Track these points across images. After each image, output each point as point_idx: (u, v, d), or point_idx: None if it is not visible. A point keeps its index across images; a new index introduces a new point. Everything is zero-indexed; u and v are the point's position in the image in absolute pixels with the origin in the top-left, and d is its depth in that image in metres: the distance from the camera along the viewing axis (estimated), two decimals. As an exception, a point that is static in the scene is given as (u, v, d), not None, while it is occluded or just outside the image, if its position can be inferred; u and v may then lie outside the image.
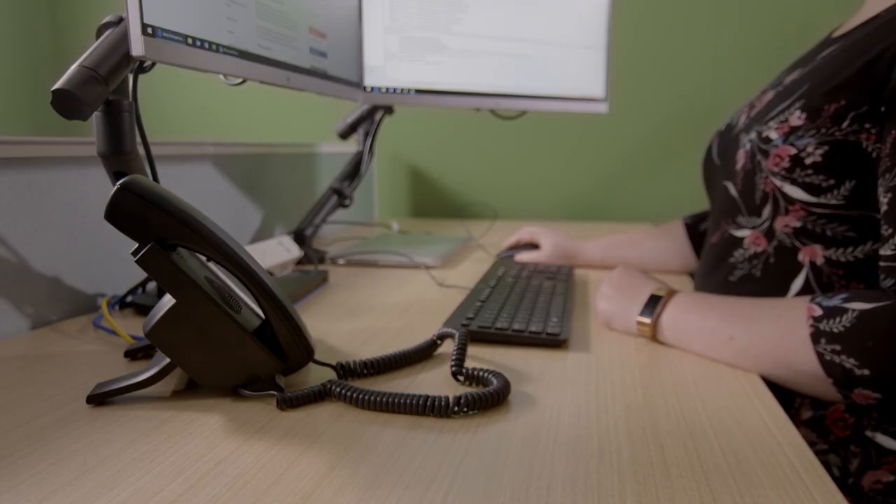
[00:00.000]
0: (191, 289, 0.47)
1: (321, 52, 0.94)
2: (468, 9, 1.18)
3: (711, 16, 1.65)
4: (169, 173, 0.96)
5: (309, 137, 1.88)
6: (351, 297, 0.88)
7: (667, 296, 0.68)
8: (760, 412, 0.51)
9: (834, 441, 0.64)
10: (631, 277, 0.74)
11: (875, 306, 0.53)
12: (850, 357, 0.54)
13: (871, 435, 0.62)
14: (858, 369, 0.53)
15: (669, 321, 0.66)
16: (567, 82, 1.27)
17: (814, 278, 0.66)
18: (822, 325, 0.56)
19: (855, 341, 0.54)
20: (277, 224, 1.29)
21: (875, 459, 0.62)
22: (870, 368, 0.53)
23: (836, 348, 0.54)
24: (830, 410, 0.64)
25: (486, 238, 1.42)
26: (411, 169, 1.89)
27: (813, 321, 0.56)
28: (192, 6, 0.63)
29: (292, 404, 0.51)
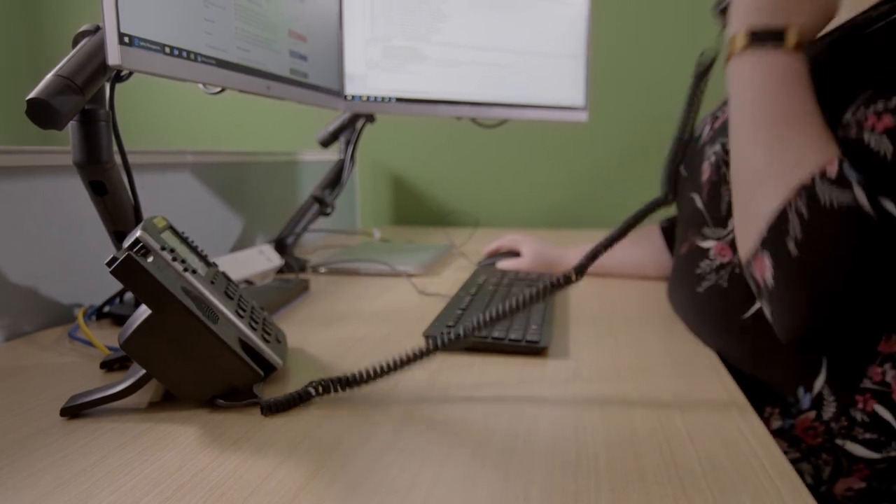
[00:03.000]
0: (167, 299, 0.47)
1: (301, 55, 0.94)
2: (449, 19, 1.19)
3: (689, 25, 1.68)
4: (147, 182, 0.95)
5: (291, 145, 1.87)
6: (332, 306, 0.88)
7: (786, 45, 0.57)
8: (736, 419, 0.51)
9: (805, 449, 0.64)
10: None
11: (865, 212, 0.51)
12: (802, 234, 0.52)
13: (841, 443, 0.62)
14: (794, 244, 0.52)
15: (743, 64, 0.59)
16: (547, 91, 1.28)
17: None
18: (818, 188, 0.52)
19: (824, 226, 0.51)
20: (258, 233, 1.29)
21: (846, 467, 0.63)
22: (805, 257, 0.51)
23: (803, 212, 0.52)
24: (800, 420, 0.64)
25: (468, 246, 1.42)
26: (393, 177, 1.89)
27: (819, 177, 0.52)
28: (169, 15, 0.63)
29: (276, 409, 0.50)
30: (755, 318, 0.67)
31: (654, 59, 1.71)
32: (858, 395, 0.61)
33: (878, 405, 0.61)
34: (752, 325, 0.67)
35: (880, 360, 0.60)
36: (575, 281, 0.53)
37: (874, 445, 0.61)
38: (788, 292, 0.55)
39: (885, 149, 0.52)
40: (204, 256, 0.61)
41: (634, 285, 1.01)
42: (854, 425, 0.62)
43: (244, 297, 0.61)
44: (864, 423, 0.61)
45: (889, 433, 0.61)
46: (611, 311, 0.85)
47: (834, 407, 0.62)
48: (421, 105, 1.19)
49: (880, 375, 0.61)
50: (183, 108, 1.95)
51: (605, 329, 0.77)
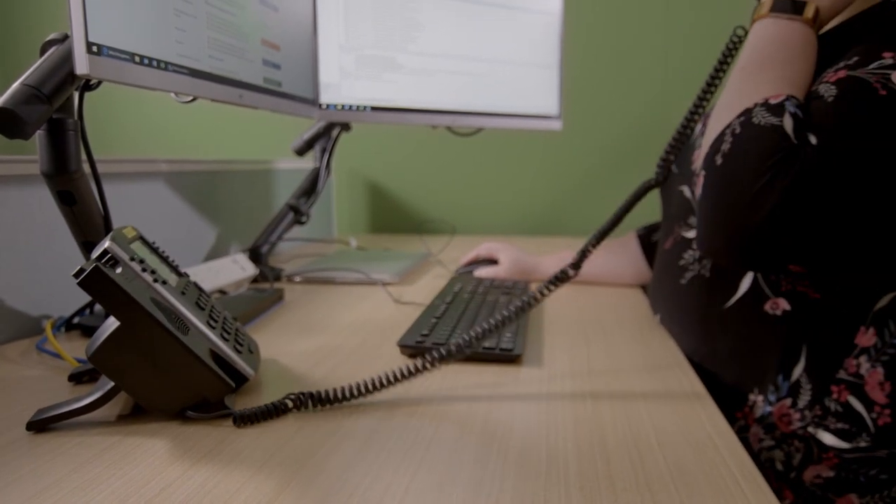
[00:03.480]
0: (135, 311, 0.47)
1: (274, 64, 0.94)
2: (423, 28, 1.19)
3: (660, 31, 1.70)
4: (119, 192, 0.94)
5: (267, 153, 1.86)
6: (306, 315, 0.87)
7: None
8: (704, 422, 0.52)
9: (779, 437, 0.66)
10: None
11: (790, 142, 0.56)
12: (728, 146, 0.58)
13: (812, 431, 0.64)
14: (720, 155, 0.59)
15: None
16: (521, 100, 1.29)
17: (761, 277, 0.68)
18: (756, 110, 0.59)
19: (747, 141, 0.57)
20: (233, 242, 1.28)
21: (816, 455, 0.64)
22: (724, 167, 0.58)
23: (736, 128, 0.59)
24: (777, 407, 0.66)
25: (445, 253, 1.42)
26: (370, 185, 1.89)
27: (761, 104, 0.59)
28: (139, 24, 0.62)
29: (250, 420, 0.50)
30: (737, 307, 0.69)
31: (626, 69, 1.73)
32: (834, 385, 0.63)
33: (851, 396, 0.63)
34: (735, 313, 0.69)
35: (856, 353, 0.62)
36: (572, 276, 0.57)
37: (845, 435, 0.63)
38: (705, 201, 0.60)
39: (830, 93, 0.58)
40: (175, 267, 0.61)
41: (610, 292, 1.02)
42: (827, 414, 0.64)
43: (216, 307, 0.61)
44: (836, 413, 0.63)
45: (860, 424, 0.63)
46: (585, 318, 0.86)
47: (809, 395, 0.64)
48: (396, 114, 1.20)
49: (855, 367, 0.63)
50: (161, 115, 1.93)
51: (579, 336, 0.78)
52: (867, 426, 0.62)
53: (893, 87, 0.55)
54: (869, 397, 0.62)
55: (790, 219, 0.55)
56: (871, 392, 0.62)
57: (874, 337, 0.62)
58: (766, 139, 0.56)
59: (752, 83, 0.62)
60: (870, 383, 0.62)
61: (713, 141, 0.62)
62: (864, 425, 0.62)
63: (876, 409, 0.62)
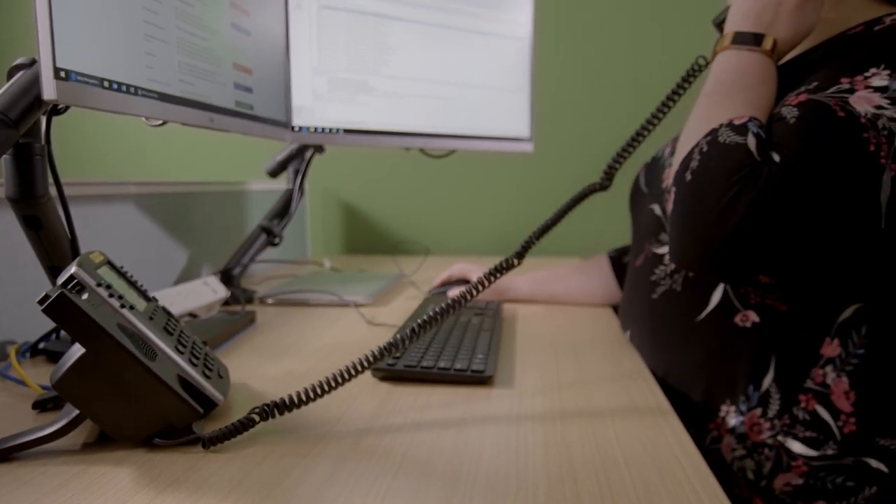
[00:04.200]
0: (101, 337, 0.46)
1: (246, 87, 0.94)
2: (396, 52, 1.21)
3: (629, 56, 1.74)
4: (87, 215, 0.93)
5: (240, 174, 1.86)
6: (278, 338, 0.87)
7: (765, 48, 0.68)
8: (670, 441, 0.53)
9: (750, 446, 0.67)
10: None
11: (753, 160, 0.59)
12: (697, 164, 0.61)
13: (782, 440, 0.66)
14: (689, 172, 0.62)
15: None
16: (493, 123, 1.31)
17: (731, 290, 0.69)
18: (721, 130, 0.62)
19: (713, 158, 0.60)
20: (204, 264, 1.27)
21: (786, 463, 0.66)
22: (693, 183, 0.61)
23: (703, 146, 0.62)
24: (748, 417, 0.67)
25: (418, 274, 1.43)
26: (344, 205, 1.89)
27: (726, 124, 0.62)
28: (108, 48, 0.62)
29: (218, 441, 0.50)
30: (708, 320, 0.70)
31: (595, 92, 1.77)
32: (801, 394, 0.65)
33: (818, 405, 0.65)
34: (706, 326, 0.71)
35: (822, 363, 0.65)
36: (516, 264, 0.60)
37: (812, 443, 0.65)
38: (677, 215, 0.63)
39: (791, 114, 0.61)
40: (143, 291, 0.60)
41: (582, 312, 1.04)
42: (795, 423, 0.65)
43: (185, 331, 0.61)
44: (804, 422, 0.65)
45: (827, 433, 0.64)
46: (557, 337, 0.87)
47: (778, 404, 0.66)
48: (369, 136, 1.20)
49: (822, 377, 0.65)
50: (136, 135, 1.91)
51: (550, 355, 0.78)
52: (834, 434, 0.64)
53: (851, 110, 0.58)
54: (835, 406, 0.64)
55: (756, 230, 0.58)
56: (837, 401, 0.64)
57: (839, 347, 0.64)
58: (732, 157, 0.59)
59: (717, 108, 0.65)
60: (836, 392, 0.64)
61: (682, 159, 0.65)
62: (830, 433, 0.64)
63: (842, 417, 0.64)
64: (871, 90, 0.58)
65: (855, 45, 0.65)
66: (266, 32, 1.03)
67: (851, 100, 0.58)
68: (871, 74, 0.60)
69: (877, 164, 0.56)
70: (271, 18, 1.05)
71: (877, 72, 0.59)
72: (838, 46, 0.67)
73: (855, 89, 0.59)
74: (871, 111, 0.57)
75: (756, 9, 0.68)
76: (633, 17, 1.75)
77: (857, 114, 0.57)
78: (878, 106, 0.57)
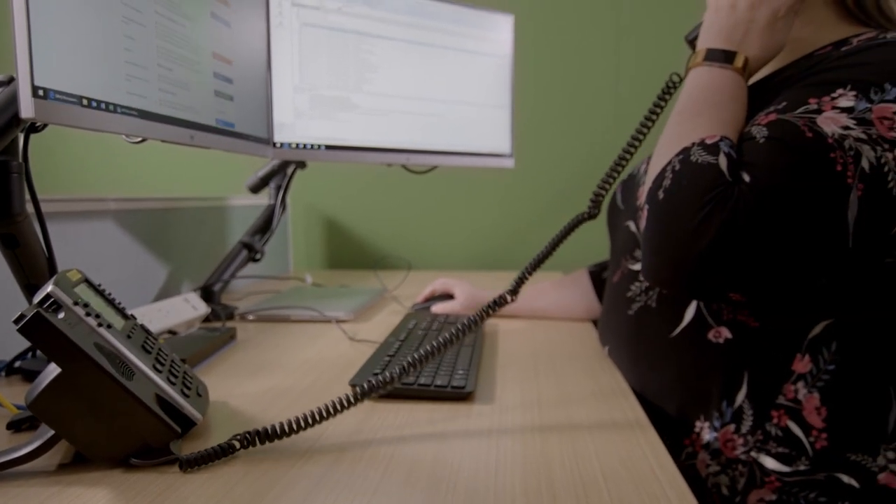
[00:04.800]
0: (77, 357, 0.46)
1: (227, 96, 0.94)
2: (377, 69, 1.22)
3: (610, 73, 1.77)
4: (66, 231, 0.92)
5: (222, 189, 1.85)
6: (259, 354, 0.86)
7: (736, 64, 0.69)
8: (648, 457, 0.53)
9: (724, 462, 0.68)
10: None
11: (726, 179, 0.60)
12: (669, 182, 0.62)
13: (755, 456, 0.66)
14: (662, 191, 0.63)
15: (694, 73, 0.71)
16: (475, 139, 1.32)
17: (704, 306, 0.70)
18: (693, 149, 0.63)
19: (686, 177, 0.61)
20: (185, 280, 1.26)
21: (759, 479, 0.66)
22: (666, 202, 0.62)
23: (676, 165, 0.63)
24: (722, 433, 0.68)
25: (401, 290, 1.43)
26: (327, 221, 1.89)
27: (698, 143, 0.63)
28: (88, 66, 0.62)
29: (196, 464, 0.49)
30: (682, 336, 0.71)
31: (576, 109, 1.79)
32: (774, 410, 0.66)
33: (790, 421, 0.66)
34: (680, 342, 0.72)
35: (794, 379, 0.65)
36: (510, 301, 0.61)
37: (785, 459, 0.65)
38: (649, 233, 0.64)
39: (761, 134, 0.62)
40: (121, 309, 0.60)
41: (562, 326, 1.04)
42: (768, 439, 0.66)
43: (163, 349, 0.60)
44: (777, 438, 0.66)
45: (799, 448, 0.65)
46: (538, 352, 0.87)
47: (751, 420, 0.67)
48: (350, 152, 1.21)
49: (793, 393, 0.65)
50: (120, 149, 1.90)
51: (531, 370, 0.79)
52: (806, 450, 0.65)
53: (818, 130, 0.59)
54: (807, 422, 0.65)
55: (727, 250, 0.59)
56: (809, 417, 0.65)
57: (810, 363, 0.65)
58: (704, 176, 0.60)
59: (689, 125, 0.66)
60: (807, 408, 0.65)
61: (655, 177, 0.66)
62: (802, 449, 0.65)
63: (813, 433, 0.65)
64: (838, 111, 0.60)
65: (823, 66, 0.66)
66: (248, 49, 1.03)
67: (819, 120, 0.60)
68: (837, 95, 0.61)
69: (844, 184, 0.58)
70: (253, 35, 1.05)
71: (843, 92, 0.61)
72: (807, 66, 0.69)
73: (822, 110, 0.60)
74: (838, 132, 0.59)
75: (728, 26, 0.69)
76: (613, 35, 1.78)
77: (825, 134, 0.59)
78: (844, 126, 0.59)
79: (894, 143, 0.58)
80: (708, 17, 0.72)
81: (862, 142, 0.58)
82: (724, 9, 0.70)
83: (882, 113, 0.59)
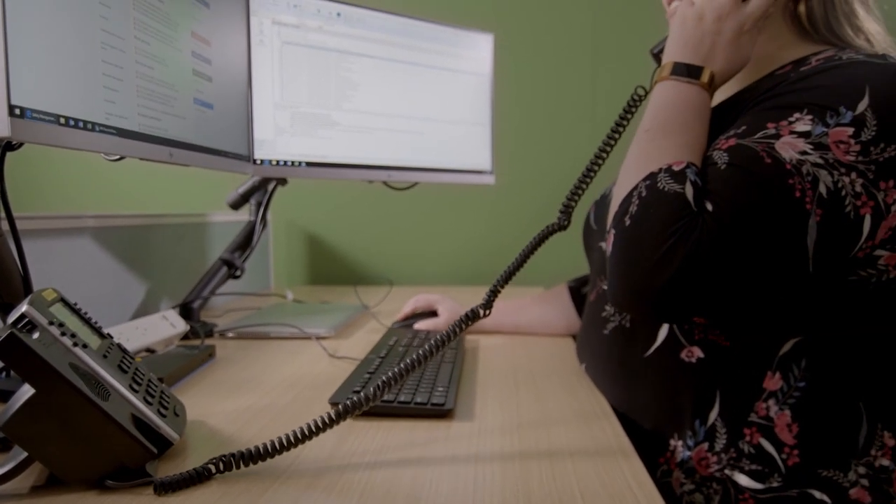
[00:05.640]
0: (52, 378, 0.45)
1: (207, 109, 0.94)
2: (358, 87, 1.22)
3: (588, 90, 1.79)
4: (42, 249, 0.92)
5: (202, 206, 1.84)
6: (238, 372, 0.86)
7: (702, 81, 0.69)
8: (625, 474, 0.54)
9: (699, 480, 0.69)
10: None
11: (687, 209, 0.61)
12: (636, 209, 0.63)
13: (729, 473, 0.67)
14: (628, 217, 0.63)
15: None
16: (456, 156, 1.33)
17: (676, 326, 0.71)
18: (660, 176, 0.63)
19: (652, 204, 0.62)
20: (164, 298, 1.25)
21: (733, 496, 0.67)
22: (632, 228, 0.62)
23: (642, 191, 0.63)
24: (696, 451, 0.69)
25: (382, 306, 1.43)
26: (308, 237, 1.88)
27: (665, 169, 0.63)
28: (66, 85, 0.62)
29: (171, 488, 0.49)
30: (656, 356, 0.72)
31: (555, 126, 1.81)
32: (746, 428, 0.67)
33: (762, 438, 0.66)
34: (654, 362, 0.72)
35: (765, 397, 0.66)
36: (483, 316, 0.61)
37: (758, 476, 0.66)
38: (615, 258, 0.65)
39: (722, 160, 0.63)
40: (98, 328, 0.59)
41: (543, 342, 1.05)
42: (741, 456, 0.67)
43: (140, 368, 0.60)
44: (750, 455, 0.66)
45: (772, 465, 0.66)
46: (518, 368, 0.88)
47: (724, 438, 0.68)
48: (331, 169, 1.21)
49: (765, 410, 0.66)
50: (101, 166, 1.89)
51: (511, 387, 0.79)
52: (778, 467, 0.65)
53: (777, 156, 0.60)
54: (779, 439, 0.66)
55: (690, 280, 0.59)
56: (781, 434, 0.66)
57: (780, 381, 0.66)
58: (670, 206, 0.61)
59: (656, 147, 0.67)
60: (779, 425, 0.66)
61: (622, 201, 0.66)
62: (775, 466, 0.66)
63: (785, 450, 0.65)
64: (796, 135, 0.61)
65: (781, 88, 0.67)
66: (228, 67, 1.03)
67: (777, 145, 0.60)
68: (795, 119, 0.62)
69: (802, 209, 0.59)
70: (234, 54, 1.06)
71: (800, 117, 0.62)
72: (767, 87, 0.69)
73: (780, 134, 0.61)
74: (796, 157, 0.59)
75: (694, 38, 0.69)
76: (590, 53, 1.80)
77: (783, 160, 0.59)
78: (802, 151, 0.60)
79: (850, 167, 0.59)
80: (674, 30, 0.72)
81: (819, 167, 0.59)
82: (692, 20, 0.70)
83: (838, 137, 0.60)
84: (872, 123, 0.60)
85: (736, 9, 0.69)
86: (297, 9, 1.16)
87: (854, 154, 0.59)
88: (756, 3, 0.69)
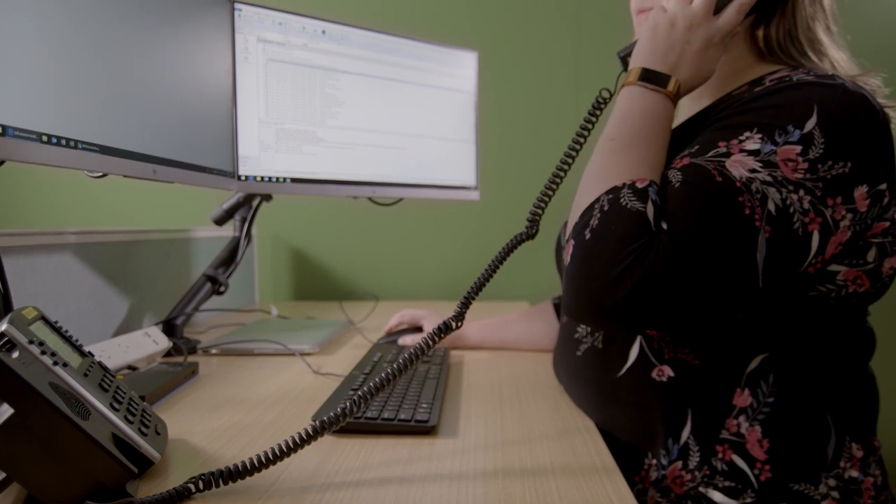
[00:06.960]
0: (31, 398, 0.45)
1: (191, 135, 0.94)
2: (343, 104, 1.23)
3: (571, 108, 1.81)
4: (23, 266, 0.91)
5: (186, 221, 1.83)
6: (222, 390, 0.85)
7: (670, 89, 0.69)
8: (608, 491, 0.54)
9: (674, 498, 0.69)
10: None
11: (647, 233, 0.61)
12: (597, 223, 0.63)
13: (703, 490, 0.67)
14: (589, 230, 0.63)
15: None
16: (440, 172, 1.34)
17: (646, 345, 0.72)
18: (623, 192, 0.63)
19: (613, 221, 0.62)
20: (147, 314, 1.24)
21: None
22: (592, 243, 0.62)
23: (605, 205, 0.63)
24: (670, 470, 0.69)
25: (367, 321, 1.42)
26: (293, 252, 1.88)
27: (629, 185, 0.64)
28: (47, 102, 0.62)
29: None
30: (628, 376, 0.72)
31: (539, 141, 1.83)
32: (718, 445, 0.67)
33: (734, 455, 0.67)
34: (626, 382, 0.73)
35: (735, 413, 0.67)
36: (455, 328, 0.61)
37: (732, 493, 0.66)
38: (571, 270, 0.65)
39: (676, 178, 0.64)
40: (79, 347, 0.59)
41: (528, 357, 1.05)
42: (715, 474, 0.67)
43: (121, 387, 0.59)
44: (723, 472, 0.67)
45: (744, 481, 0.66)
46: (503, 384, 0.88)
47: (698, 456, 0.68)
48: (316, 185, 1.21)
49: (736, 427, 0.67)
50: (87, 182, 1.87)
51: (495, 403, 0.79)
52: (751, 482, 0.66)
53: (727, 174, 0.61)
54: (750, 454, 0.66)
55: (644, 297, 0.60)
56: (752, 449, 0.66)
57: (750, 397, 0.67)
58: (632, 223, 0.61)
59: (620, 160, 0.67)
60: (750, 441, 0.66)
61: (583, 212, 0.66)
62: (748, 482, 0.66)
63: (757, 465, 0.66)
64: (746, 153, 0.62)
65: (734, 108, 0.67)
66: (213, 84, 1.04)
67: (728, 164, 0.62)
68: (745, 138, 0.63)
69: (752, 227, 0.60)
70: (218, 71, 1.06)
71: (750, 135, 0.63)
72: (724, 107, 0.70)
73: (731, 153, 0.62)
74: (746, 175, 0.61)
75: (664, 45, 0.70)
76: (574, 70, 1.83)
77: (733, 178, 0.61)
78: (751, 169, 0.61)
79: (798, 185, 0.60)
80: (644, 35, 0.72)
81: (768, 184, 0.60)
82: (663, 27, 0.71)
83: (786, 155, 0.61)
84: (820, 142, 0.61)
85: (707, 20, 0.70)
86: (283, 26, 1.17)
87: (802, 172, 0.60)
88: (727, 17, 0.70)
